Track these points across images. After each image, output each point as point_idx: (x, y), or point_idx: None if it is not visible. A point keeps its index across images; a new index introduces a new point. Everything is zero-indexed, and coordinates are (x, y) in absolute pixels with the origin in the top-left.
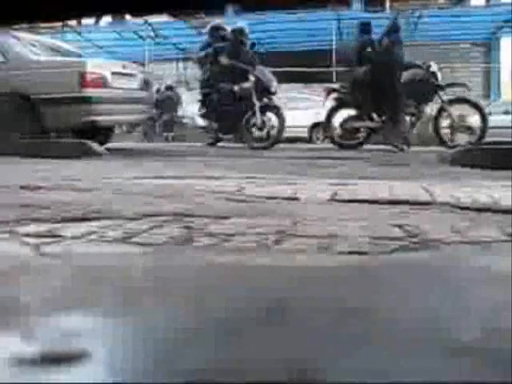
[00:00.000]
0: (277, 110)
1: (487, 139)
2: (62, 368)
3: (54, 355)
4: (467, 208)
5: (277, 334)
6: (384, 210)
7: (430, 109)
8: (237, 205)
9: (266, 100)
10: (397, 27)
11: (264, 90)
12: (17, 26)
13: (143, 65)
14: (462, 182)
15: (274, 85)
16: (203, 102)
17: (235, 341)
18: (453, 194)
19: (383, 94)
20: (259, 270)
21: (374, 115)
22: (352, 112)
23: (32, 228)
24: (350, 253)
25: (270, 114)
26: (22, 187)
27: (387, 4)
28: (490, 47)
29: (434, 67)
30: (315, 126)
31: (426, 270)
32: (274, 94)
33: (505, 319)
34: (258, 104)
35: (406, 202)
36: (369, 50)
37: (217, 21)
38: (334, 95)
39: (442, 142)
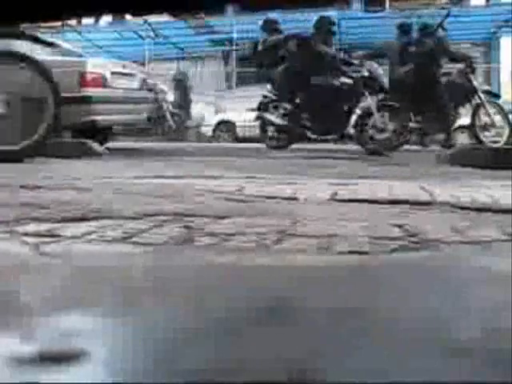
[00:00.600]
0: (394, 110)
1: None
2: (61, 367)
3: (52, 354)
4: (467, 208)
5: (274, 333)
6: (386, 210)
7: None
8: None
9: (380, 97)
10: (432, 27)
11: (376, 86)
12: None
13: (143, 64)
14: (461, 181)
15: (386, 80)
16: (279, 99)
17: (234, 340)
18: (453, 193)
19: (426, 94)
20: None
21: (413, 116)
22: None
23: (32, 227)
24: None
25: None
26: (21, 186)
27: (387, 4)
28: (490, 47)
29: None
30: None
31: (425, 270)
32: (386, 91)
33: (504, 319)
34: (373, 102)
35: (406, 202)
36: (411, 49)
37: (270, 15)
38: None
39: (479, 141)
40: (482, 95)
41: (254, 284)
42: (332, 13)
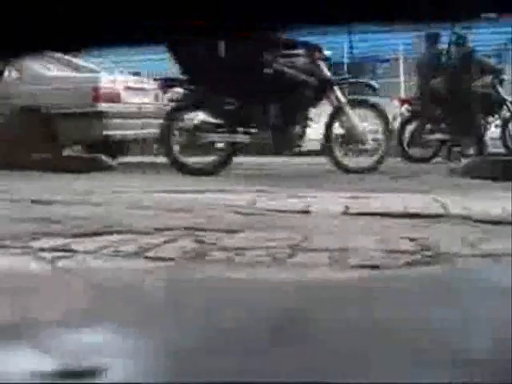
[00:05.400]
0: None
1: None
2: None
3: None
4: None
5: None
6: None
7: None
8: None
9: None
10: (463, 37)
11: None
12: None
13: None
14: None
15: None
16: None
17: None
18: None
19: (459, 105)
20: None
21: (444, 126)
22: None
23: (45, 242)
24: None
25: None
26: (33, 201)
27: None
28: (501, 58)
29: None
30: None
31: (437, 279)
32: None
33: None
34: None
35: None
36: (443, 60)
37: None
38: (407, 106)
39: (510, 152)
40: (510, 106)
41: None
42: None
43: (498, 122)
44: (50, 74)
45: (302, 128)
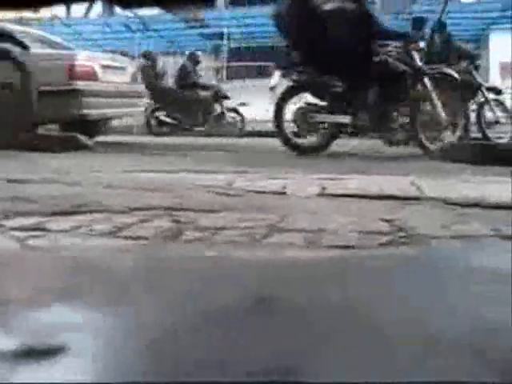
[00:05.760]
0: None
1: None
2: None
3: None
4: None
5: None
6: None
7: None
8: None
9: None
10: (443, 24)
11: None
12: (6, 17)
13: (133, 57)
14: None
15: None
16: None
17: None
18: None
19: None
20: None
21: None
22: None
23: (18, 222)
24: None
25: None
26: (8, 180)
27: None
28: (479, 44)
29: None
30: None
31: (412, 260)
32: None
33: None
34: None
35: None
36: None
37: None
38: None
39: (486, 138)
40: (485, 92)
41: None
42: None
43: (474, 106)
44: (23, 50)
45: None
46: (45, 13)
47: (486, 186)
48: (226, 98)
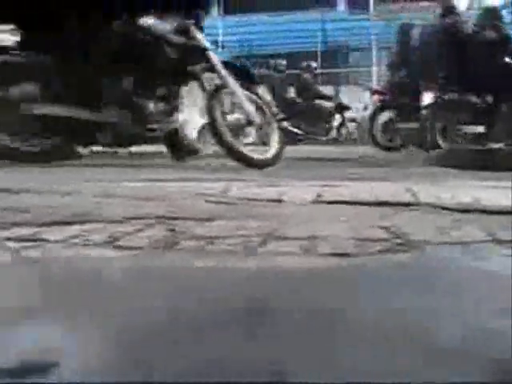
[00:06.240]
0: None
1: None
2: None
3: None
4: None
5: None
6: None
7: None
8: None
9: None
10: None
11: None
12: None
13: None
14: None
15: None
16: None
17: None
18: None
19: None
20: None
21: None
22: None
23: (12, 232)
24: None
25: None
26: (1, 190)
27: (371, 6)
28: None
29: None
30: None
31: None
32: None
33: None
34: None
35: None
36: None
37: None
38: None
39: None
40: None
41: None
42: (316, 15)
43: None
44: None
45: None
46: None
47: (482, 191)
48: (347, 108)
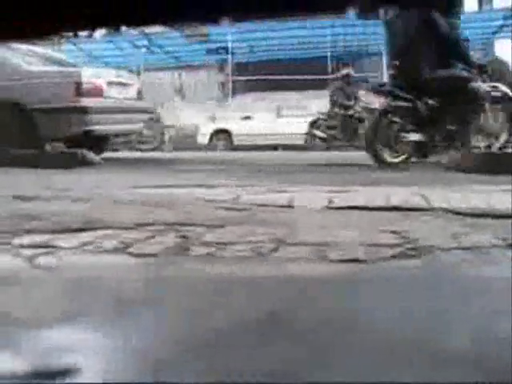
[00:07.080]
0: None
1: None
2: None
3: None
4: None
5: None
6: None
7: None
8: None
9: None
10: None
11: None
12: None
13: (138, 74)
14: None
15: None
16: None
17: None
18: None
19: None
20: None
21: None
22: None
23: (25, 239)
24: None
25: None
26: (14, 197)
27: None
28: (485, 53)
29: None
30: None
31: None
32: None
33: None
34: None
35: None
36: None
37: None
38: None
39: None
40: None
41: None
42: (327, 20)
43: None
44: (30, 68)
45: None
46: None
47: (494, 195)
48: None
